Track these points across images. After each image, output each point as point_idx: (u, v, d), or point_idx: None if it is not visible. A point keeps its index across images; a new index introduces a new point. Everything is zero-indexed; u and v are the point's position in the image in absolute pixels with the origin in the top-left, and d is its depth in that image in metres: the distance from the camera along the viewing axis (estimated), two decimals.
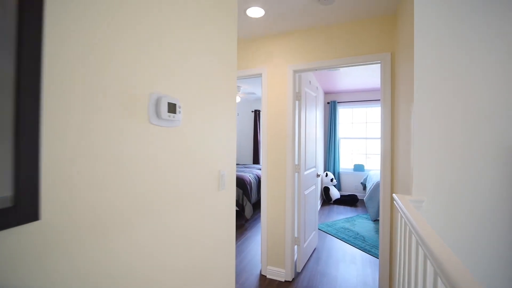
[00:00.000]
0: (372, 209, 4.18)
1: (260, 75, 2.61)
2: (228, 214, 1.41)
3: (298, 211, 2.57)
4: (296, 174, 2.56)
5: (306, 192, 2.73)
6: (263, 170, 2.56)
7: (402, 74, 1.80)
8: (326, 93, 6.01)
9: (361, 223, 4.10)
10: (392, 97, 2.13)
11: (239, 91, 5.17)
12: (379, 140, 5.90)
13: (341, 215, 4.57)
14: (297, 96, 2.55)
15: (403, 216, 1.29)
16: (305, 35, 2.43)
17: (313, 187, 3.08)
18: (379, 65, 2.34)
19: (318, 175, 3.21)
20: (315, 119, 3.32)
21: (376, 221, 4.19)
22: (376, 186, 4.23)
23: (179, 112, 1.01)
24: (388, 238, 2.14)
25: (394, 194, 1.49)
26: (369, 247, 3.22)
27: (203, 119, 1.17)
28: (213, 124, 1.26)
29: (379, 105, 5.71)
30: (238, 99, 5.28)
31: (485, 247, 1.35)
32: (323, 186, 5.44)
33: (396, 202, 1.42)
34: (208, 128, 1.22)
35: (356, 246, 3.25)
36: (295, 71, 2.47)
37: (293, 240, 2.52)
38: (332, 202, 5.37)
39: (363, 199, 5.65)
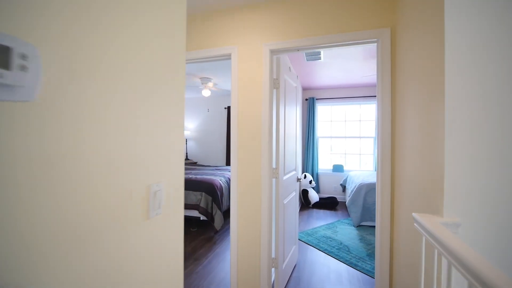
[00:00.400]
0: (354, 214, 3.84)
1: (229, 57, 2.08)
2: (170, 254, 0.88)
3: (276, 226, 2.08)
4: (274, 180, 2.08)
5: (285, 201, 2.26)
6: (233, 176, 2.04)
7: (412, 55, 1.38)
8: (305, 89, 5.64)
9: (343, 230, 3.74)
10: (393, 85, 1.72)
11: (208, 82, 4.59)
12: (359, 140, 5.69)
13: (322, 221, 4.19)
14: (275, 84, 2.06)
15: (436, 245, 0.85)
16: (284, 7, 1.95)
17: (293, 193, 2.63)
18: (367, 50, 1.93)
19: (298, 179, 2.76)
20: (295, 114, 2.87)
21: (359, 226, 3.86)
22: (359, 189, 3.90)
23: (25, 69, 0.46)
24: (387, 256, 1.73)
25: (414, 214, 1.05)
26: (356, 260, 2.84)
27: (109, 98, 0.63)
28: (136, 110, 0.72)
29: (359, 103, 5.45)
30: (207, 93, 4.70)
31: None
32: (302, 189, 5.04)
33: (420, 225, 0.98)
34: (124, 114, 0.67)
35: (341, 260, 2.85)
36: (272, 52, 1.98)
37: (270, 262, 2.03)
38: (311, 206, 4.99)
39: (343, 202, 5.36)
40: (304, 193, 4.97)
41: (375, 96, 5.45)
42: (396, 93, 1.67)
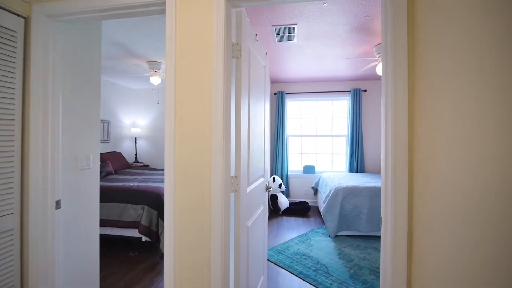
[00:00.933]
0: (331, 223, 3.33)
1: (161, 7, 1.35)
2: None
3: (236, 260, 1.41)
4: (233, 194, 1.40)
5: (250, 223, 1.59)
6: (167, 191, 1.31)
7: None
8: (274, 82, 5.05)
9: (319, 243, 3.20)
10: (411, 51, 1.15)
11: (158, 68, 3.74)
12: (331, 138, 5.28)
13: (294, 232, 3.62)
14: (235, 51, 1.38)
15: None
16: None
17: (261, 208, 1.98)
18: (349, 25, 1.35)
19: (268, 188, 2.12)
20: (263, 106, 2.23)
21: (336, 237, 3.36)
22: (335, 194, 3.41)
23: None
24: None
25: None
26: (337, 286, 2.29)
27: None
28: None
29: (331, 99, 5.02)
30: (157, 80, 3.85)
31: None
32: (270, 194, 4.44)
33: None
34: None
35: (320, 287, 2.28)
36: (230, 0, 1.29)
37: None
38: (280, 213, 4.42)
39: (314, 206, 4.88)
40: (273, 199, 4.38)
41: (349, 91, 5.11)
42: (417, 67, 1.11)
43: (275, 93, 5.02)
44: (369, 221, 3.27)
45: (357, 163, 4.77)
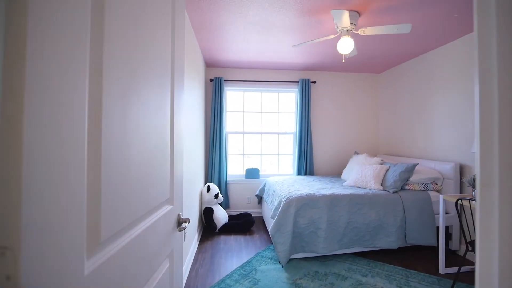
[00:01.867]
0: (282, 246, 2.53)
1: None
2: None
3: None
4: None
5: None
6: None
7: None
8: (209, 65, 4.05)
9: (267, 277, 2.36)
10: None
11: None
12: (277, 136, 4.55)
13: (233, 259, 2.70)
14: None
15: None
16: None
17: (165, 265, 0.97)
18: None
19: (181, 224, 1.13)
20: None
21: (288, 262, 2.58)
22: (287, 207, 2.62)
23: None
24: None
25: None
26: None
27: None
28: None
29: (277, 90, 4.29)
30: None
31: None
32: (204, 208, 3.43)
33: None
34: None
35: None
36: None
37: None
38: (217, 231, 3.45)
39: (259, 217, 4.06)
40: (208, 214, 3.38)
41: (297, 82, 4.40)
42: None
43: (211, 80, 4.03)
44: (328, 239, 2.60)
45: (306, 165, 4.16)
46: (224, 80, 4.09)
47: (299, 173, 4.18)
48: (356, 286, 2.22)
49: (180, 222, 1.07)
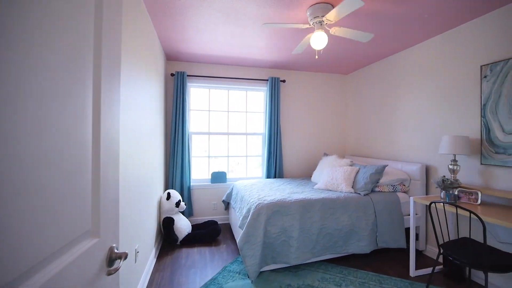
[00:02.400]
0: (251, 260, 2.27)
1: None
2: None
3: None
4: None
5: None
6: None
7: None
8: (170, 58, 3.65)
9: None
10: None
11: None
12: (245, 137, 4.28)
13: (196, 278, 2.38)
14: None
15: None
16: None
17: None
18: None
19: (109, 270, 0.80)
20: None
21: (259, 276, 2.33)
22: (257, 215, 2.38)
23: None
24: None
25: None
26: None
27: None
28: None
29: (245, 88, 4.04)
30: None
31: None
32: (164, 218, 3.04)
33: None
34: None
35: None
36: None
37: None
38: (179, 243, 3.08)
39: (226, 225, 3.77)
40: (167, 225, 2.99)
41: (266, 80, 4.12)
42: None
43: (172, 74, 3.63)
44: (301, 248, 2.41)
45: (275, 167, 3.98)
46: (188, 75, 3.72)
47: (268, 176, 3.98)
48: None
49: (113, 259, 0.75)
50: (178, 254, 2.84)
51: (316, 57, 2.52)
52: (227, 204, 3.76)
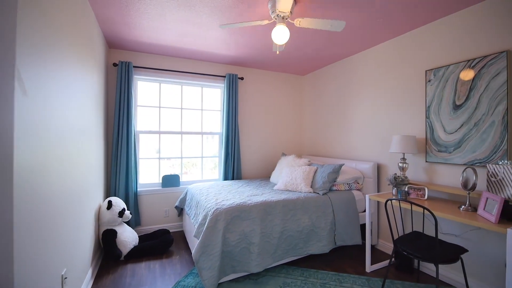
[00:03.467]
0: (209, 272, 2.05)
1: None
2: None
3: None
4: None
5: None
6: None
7: None
8: (113, 46, 3.17)
9: None
10: None
11: None
12: (200, 137, 3.98)
13: None
14: None
15: None
16: None
17: None
18: None
19: None
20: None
21: (218, 287, 2.12)
22: (214, 222, 2.16)
23: None
24: None
25: None
26: None
27: None
28: None
29: (201, 84, 3.77)
30: None
31: None
32: (104, 230, 2.59)
33: None
34: None
35: None
36: None
37: None
38: (123, 258, 2.67)
39: (179, 232, 3.44)
40: (108, 238, 2.56)
41: (224, 76, 3.84)
42: None
43: (115, 64, 3.17)
44: (262, 253, 2.27)
45: (233, 168, 3.79)
46: (134, 67, 3.29)
47: (225, 178, 3.78)
48: None
49: None
50: (122, 272, 2.45)
51: (277, 52, 2.40)
52: (180, 210, 3.44)
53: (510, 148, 1.92)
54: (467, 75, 2.16)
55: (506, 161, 1.78)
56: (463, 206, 1.96)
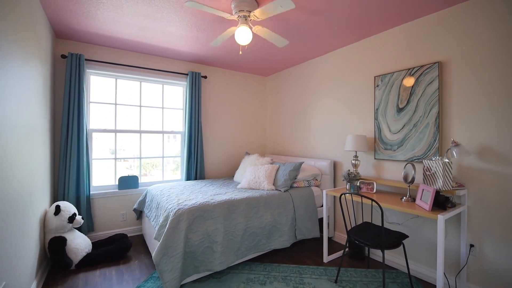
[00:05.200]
0: (170, 274, 2.00)
1: None
2: None
3: None
4: None
5: None
6: None
7: None
8: (61, 35, 2.89)
9: None
10: None
11: None
12: (161, 136, 3.83)
13: None
14: None
15: None
16: None
17: None
18: None
19: None
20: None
21: None
22: (176, 222, 2.12)
23: None
24: None
25: None
26: None
27: None
28: None
29: (161, 81, 3.63)
30: None
31: None
32: (51, 238, 2.36)
33: None
34: None
35: None
36: None
37: None
38: (74, 266, 2.46)
39: (138, 236, 3.28)
40: (56, 246, 2.34)
41: (186, 74, 3.73)
42: None
43: (63, 56, 2.89)
44: (225, 252, 2.29)
45: (196, 168, 3.73)
46: (86, 60, 3.04)
47: (188, 178, 3.70)
48: None
49: None
50: (72, 282, 2.25)
51: (240, 52, 2.45)
52: (139, 213, 3.28)
53: (441, 146, 2.22)
54: (408, 81, 2.44)
55: (438, 157, 2.06)
56: (404, 198, 2.22)
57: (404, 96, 2.47)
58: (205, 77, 3.89)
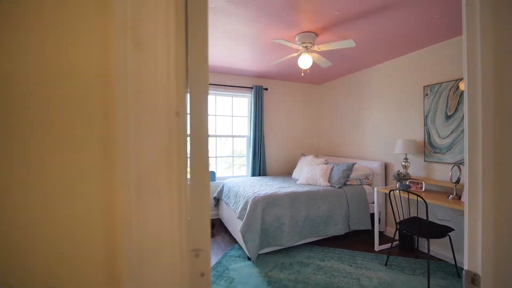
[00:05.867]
0: (252, 243, 2.69)
1: None
2: None
3: None
4: None
5: None
6: None
7: None
8: None
9: (240, 274, 2.49)
10: None
11: None
12: (231, 139, 4.68)
13: None
14: None
15: None
16: None
17: None
18: None
19: None
20: None
21: (258, 258, 2.76)
22: (254, 206, 2.81)
23: None
24: None
25: None
26: None
27: None
28: None
29: (231, 94, 4.43)
30: None
31: None
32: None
33: None
34: None
35: None
36: None
37: None
38: None
39: (215, 220, 4.11)
40: None
41: (251, 88, 4.66)
42: None
43: None
44: (291, 232, 2.90)
45: (259, 166, 4.43)
46: None
47: (253, 174, 4.42)
48: (318, 270, 2.58)
49: None
50: None
51: (302, 74, 3.02)
52: (217, 201, 4.11)
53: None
54: (456, 91, 2.70)
55: None
56: (450, 196, 2.52)
57: (452, 104, 2.73)
58: (266, 89, 4.57)
